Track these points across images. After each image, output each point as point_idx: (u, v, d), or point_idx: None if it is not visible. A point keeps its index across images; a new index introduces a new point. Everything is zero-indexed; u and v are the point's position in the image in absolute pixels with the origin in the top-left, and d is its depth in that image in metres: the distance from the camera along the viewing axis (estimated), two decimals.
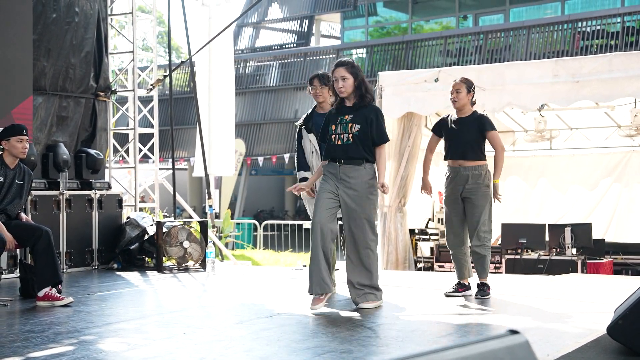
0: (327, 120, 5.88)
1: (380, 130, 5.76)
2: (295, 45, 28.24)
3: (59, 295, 6.19)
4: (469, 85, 6.63)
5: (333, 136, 5.74)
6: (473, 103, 6.68)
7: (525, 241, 9.85)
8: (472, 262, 6.63)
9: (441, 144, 6.88)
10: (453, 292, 6.60)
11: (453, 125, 6.64)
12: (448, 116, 6.80)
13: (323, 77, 6.52)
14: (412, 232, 10.61)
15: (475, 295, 6.43)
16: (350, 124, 5.70)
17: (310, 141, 6.59)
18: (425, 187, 6.90)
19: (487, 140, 6.62)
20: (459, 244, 6.63)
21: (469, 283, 6.66)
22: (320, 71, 6.76)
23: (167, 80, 11.03)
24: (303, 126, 6.70)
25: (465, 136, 6.54)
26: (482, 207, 6.48)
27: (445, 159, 6.77)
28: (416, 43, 23.55)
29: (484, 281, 6.49)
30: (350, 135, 5.68)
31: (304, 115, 6.80)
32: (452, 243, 6.66)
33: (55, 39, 9.47)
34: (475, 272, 6.55)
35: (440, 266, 10.46)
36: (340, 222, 5.96)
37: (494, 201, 6.56)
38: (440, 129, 6.77)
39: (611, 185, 12.09)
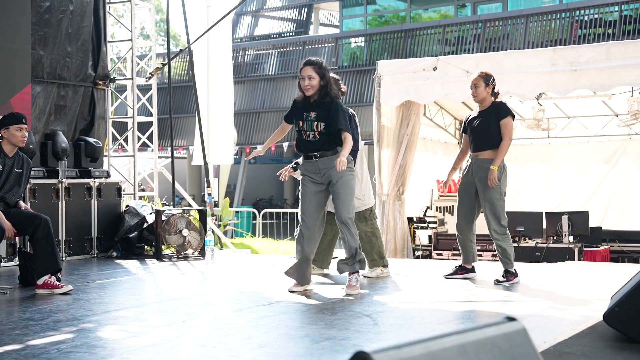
0: (295, 112, 6.07)
1: (335, 119, 5.87)
2: (294, 33, 28.17)
3: (58, 283, 6.21)
4: (487, 79, 6.65)
5: (302, 132, 6.00)
6: (495, 94, 6.71)
7: (522, 229, 9.89)
8: (496, 252, 6.76)
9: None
10: (452, 273, 6.82)
11: (475, 119, 6.74)
12: (472, 112, 6.91)
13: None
14: (410, 220, 10.63)
15: (496, 280, 6.56)
16: (315, 122, 5.91)
17: None
18: (445, 183, 7.09)
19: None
20: (467, 230, 6.78)
21: (472, 266, 6.84)
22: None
23: (166, 68, 11.02)
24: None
25: (485, 128, 6.62)
26: (494, 200, 6.58)
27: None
28: (415, 32, 23.50)
29: (509, 269, 6.60)
30: (317, 133, 5.92)
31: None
32: (461, 228, 6.80)
33: (50, 27, 9.45)
34: (500, 260, 6.65)
35: (438, 254, 10.49)
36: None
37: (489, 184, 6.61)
38: (466, 126, 6.86)
39: (608, 174, 12.12)
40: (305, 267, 6.06)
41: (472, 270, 6.85)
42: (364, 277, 6.92)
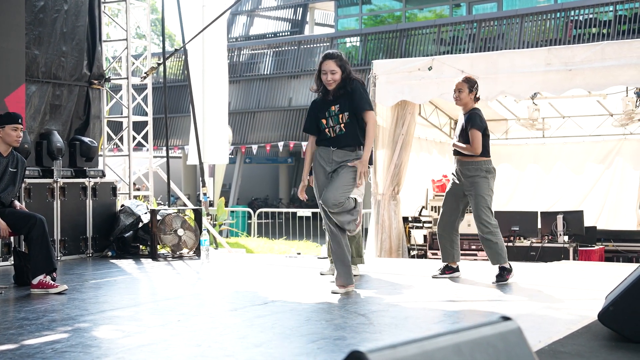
0: (315, 113, 5.91)
1: (359, 100, 5.74)
2: (289, 33, 28.17)
3: (53, 282, 6.21)
4: (471, 84, 6.69)
5: (327, 130, 5.82)
6: (477, 99, 6.76)
7: (517, 229, 9.91)
8: (485, 251, 6.74)
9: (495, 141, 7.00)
10: (440, 274, 6.86)
11: (458, 123, 6.85)
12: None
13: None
14: (405, 220, 10.64)
15: (494, 281, 6.54)
16: (340, 115, 5.76)
17: None
18: None
19: (489, 136, 6.76)
20: (447, 227, 6.83)
21: (457, 266, 6.88)
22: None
23: (161, 68, 11.01)
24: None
25: (462, 133, 6.68)
26: (482, 196, 6.61)
27: None
28: (410, 31, 23.52)
29: (504, 266, 6.59)
30: (343, 125, 5.77)
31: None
32: (442, 225, 6.87)
33: (45, 27, 9.44)
34: (491, 258, 6.64)
35: (433, 254, 10.49)
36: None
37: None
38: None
39: (603, 173, 12.15)
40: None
41: (457, 269, 6.89)
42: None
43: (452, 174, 6.89)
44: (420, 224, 10.83)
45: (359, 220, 6.14)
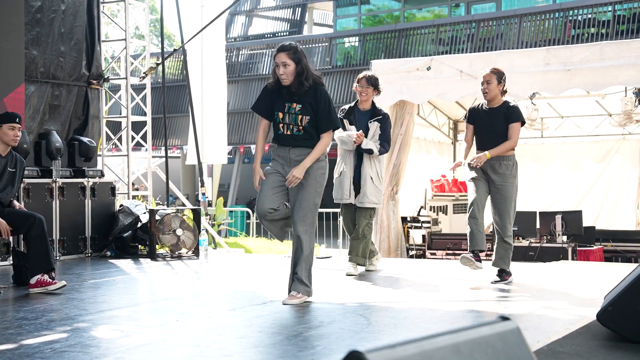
0: (270, 99, 5.46)
1: (325, 117, 5.35)
2: (288, 33, 28.15)
3: (51, 280, 6.20)
4: (499, 75, 6.51)
5: (281, 125, 5.42)
6: (504, 92, 6.57)
7: (516, 229, 9.88)
8: (497, 251, 6.57)
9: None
10: (499, 280, 6.53)
11: (484, 116, 6.58)
12: (480, 105, 6.69)
13: (371, 78, 7.13)
14: (404, 219, 10.65)
15: (494, 280, 6.49)
16: (300, 116, 5.35)
17: (349, 135, 7.10)
18: (455, 165, 7.00)
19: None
20: (479, 217, 6.51)
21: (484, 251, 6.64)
22: (369, 72, 7.35)
23: (160, 68, 11.01)
24: (345, 119, 7.19)
25: (495, 127, 6.48)
26: (511, 199, 6.48)
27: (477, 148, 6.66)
28: (408, 31, 23.52)
29: (506, 269, 6.54)
30: (301, 127, 5.38)
31: (346, 107, 7.33)
32: (474, 214, 6.48)
33: (42, 27, 9.43)
34: (498, 260, 6.55)
35: (432, 254, 10.50)
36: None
37: (471, 163, 6.50)
38: (474, 117, 6.66)
39: (602, 173, 12.16)
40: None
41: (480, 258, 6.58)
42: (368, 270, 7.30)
43: (473, 172, 6.55)
44: (419, 224, 10.84)
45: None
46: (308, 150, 5.39)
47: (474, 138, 6.67)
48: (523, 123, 6.60)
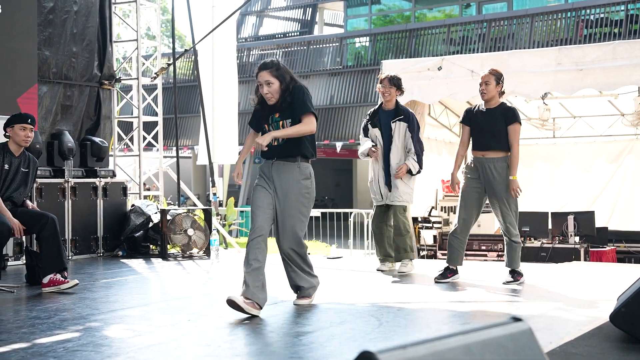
0: (259, 116, 5.36)
1: (299, 105, 5.16)
2: (298, 33, 28.17)
3: (63, 279, 6.23)
4: (497, 76, 6.55)
5: None
6: (502, 94, 6.60)
7: (528, 229, 9.87)
8: (507, 252, 6.60)
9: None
10: (441, 277, 6.67)
11: (481, 117, 6.60)
12: (476, 107, 6.73)
13: (393, 78, 7.26)
14: (415, 220, 10.63)
15: (506, 281, 6.50)
16: (281, 122, 5.21)
17: (376, 135, 7.33)
18: (453, 184, 6.82)
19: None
20: (465, 231, 6.64)
21: (456, 268, 6.71)
22: (392, 72, 7.48)
23: (171, 68, 11.04)
24: (369, 121, 7.34)
25: (492, 127, 6.49)
26: (512, 200, 6.48)
27: (472, 149, 6.70)
28: (419, 31, 23.49)
29: (516, 268, 6.56)
30: None
31: (371, 110, 7.47)
32: (459, 228, 6.62)
33: (55, 28, 9.48)
34: (510, 260, 6.57)
35: (443, 254, 10.46)
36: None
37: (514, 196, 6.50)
38: (470, 118, 6.70)
39: (614, 174, 12.10)
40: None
41: (457, 272, 6.72)
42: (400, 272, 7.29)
43: (468, 172, 6.63)
44: (430, 225, 10.82)
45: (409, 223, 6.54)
46: (289, 167, 5.24)
47: (472, 139, 6.72)
48: (521, 123, 6.62)
